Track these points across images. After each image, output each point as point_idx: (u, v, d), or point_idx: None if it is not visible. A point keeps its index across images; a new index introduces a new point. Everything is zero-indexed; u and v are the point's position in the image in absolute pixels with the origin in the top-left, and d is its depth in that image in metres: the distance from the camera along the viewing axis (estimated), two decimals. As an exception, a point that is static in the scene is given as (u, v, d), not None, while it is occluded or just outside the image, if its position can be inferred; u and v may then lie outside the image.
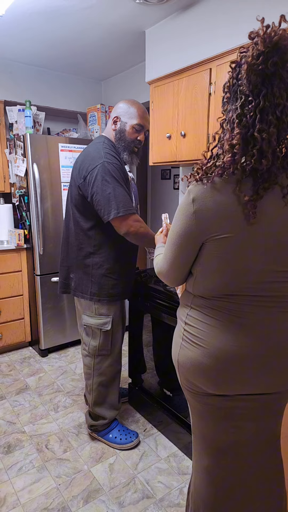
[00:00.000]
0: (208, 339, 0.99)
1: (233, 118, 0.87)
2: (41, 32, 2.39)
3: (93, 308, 1.79)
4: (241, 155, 0.87)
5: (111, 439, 1.92)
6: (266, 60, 0.81)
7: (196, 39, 1.99)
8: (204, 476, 1.13)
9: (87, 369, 1.89)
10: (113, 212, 1.55)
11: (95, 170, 1.59)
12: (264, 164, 0.85)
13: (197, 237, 0.95)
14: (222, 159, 0.89)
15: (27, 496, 1.63)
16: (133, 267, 1.90)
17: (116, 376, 1.91)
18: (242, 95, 0.85)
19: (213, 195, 0.90)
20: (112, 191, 1.56)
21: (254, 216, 0.87)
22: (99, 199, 1.58)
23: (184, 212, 0.95)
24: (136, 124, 1.70)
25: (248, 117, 0.85)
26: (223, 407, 1.04)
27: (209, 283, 0.99)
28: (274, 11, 1.59)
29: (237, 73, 0.88)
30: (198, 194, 0.91)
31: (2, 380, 2.58)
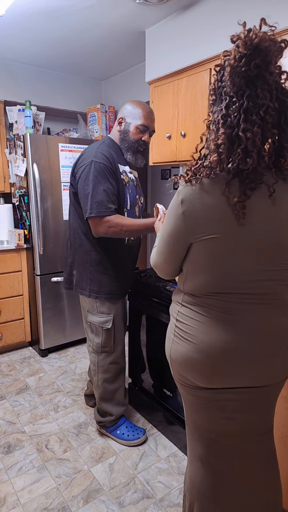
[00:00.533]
0: (197, 334, 1.01)
1: (218, 119, 0.88)
2: (41, 32, 2.39)
3: (95, 306, 1.81)
4: (226, 155, 0.88)
5: (118, 435, 1.94)
6: (249, 62, 0.83)
7: (196, 39, 1.99)
8: (198, 465, 1.15)
9: (92, 366, 1.92)
10: (88, 212, 1.58)
11: (82, 167, 1.63)
12: (249, 163, 0.86)
13: (186, 237, 0.98)
14: (208, 159, 0.91)
15: (27, 496, 1.63)
16: (131, 265, 1.91)
17: (120, 373, 1.93)
18: (226, 97, 0.87)
19: (201, 196, 0.91)
20: (91, 190, 1.58)
21: (243, 216, 0.88)
22: (80, 196, 1.64)
23: (173, 212, 0.98)
24: (140, 124, 1.71)
25: (232, 117, 0.86)
26: (214, 399, 1.07)
27: (198, 281, 1.01)
28: (274, 11, 1.59)
29: (221, 76, 0.90)
30: (187, 196, 0.93)
31: (2, 380, 2.58)
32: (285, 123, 0.89)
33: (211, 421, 1.10)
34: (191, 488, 1.19)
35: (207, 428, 1.11)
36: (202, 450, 1.14)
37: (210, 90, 0.95)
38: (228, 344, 0.98)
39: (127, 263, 1.85)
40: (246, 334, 0.98)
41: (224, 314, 0.99)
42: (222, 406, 1.07)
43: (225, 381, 1.03)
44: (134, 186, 1.82)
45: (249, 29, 0.84)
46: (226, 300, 0.98)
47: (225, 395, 1.05)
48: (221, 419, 1.08)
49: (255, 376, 1.02)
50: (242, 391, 1.05)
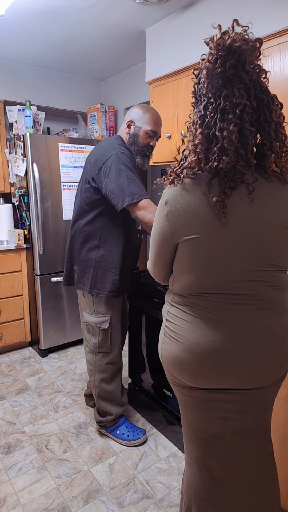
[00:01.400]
0: (184, 334, 1.02)
1: (196, 120, 0.90)
2: (41, 32, 2.39)
3: (92, 306, 1.81)
4: (204, 154, 0.89)
5: (118, 435, 1.94)
6: (224, 63, 0.84)
7: (196, 38, 1.99)
8: (195, 467, 1.15)
9: (89, 366, 1.92)
10: (127, 199, 1.57)
11: (109, 160, 1.63)
12: (225, 161, 0.86)
13: (170, 239, 0.99)
14: (188, 160, 0.92)
15: (27, 496, 1.63)
16: (133, 265, 1.91)
17: (117, 373, 1.93)
18: (204, 98, 0.89)
19: (183, 196, 0.92)
20: (126, 179, 1.58)
21: (224, 215, 0.88)
22: (113, 187, 1.60)
23: (159, 214, 0.99)
24: (150, 130, 1.74)
25: (209, 118, 0.87)
26: (206, 400, 1.06)
27: (184, 281, 1.01)
28: (274, 11, 1.59)
29: (199, 78, 0.92)
30: (170, 197, 0.94)
31: (2, 380, 2.58)
32: (265, 121, 0.89)
33: (205, 423, 1.09)
34: (188, 491, 1.19)
35: (201, 429, 1.11)
36: (197, 453, 1.14)
37: (191, 93, 0.96)
38: (214, 343, 0.98)
39: (131, 262, 1.86)
40: (232, 334, 0.98)
41: (210, 314, 0.99)
42: (214, 407, 1.07)
43: (213, 381, 1.02)
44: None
45: (225, 31, 0.86)
46: (212, 300, 0.98)
47: (216, 395, 1.05)
48: (215, 420, 1.08)
49: (243, 377, 1.01)
50: (234, 393, 1.05)
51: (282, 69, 1.58)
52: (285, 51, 1.57)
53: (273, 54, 1.61)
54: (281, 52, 1.58)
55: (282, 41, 1.57)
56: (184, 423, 1.17)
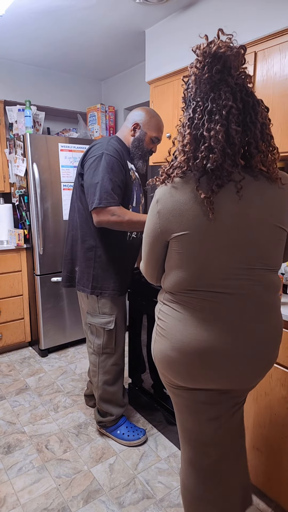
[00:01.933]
0: (173, 331, 1.03)
1: (186, 122, 0.95)
2: (41, 32, 2.39)
3: (96, 307, 1.80)
4: (193, 153, 0.93)
5: (118, 435, 1.93)
6: (210, 68, 0.89)
7: (196, 38, 1.98)
8: (189, 467, 1.18)
9: (92, 367, 1.92)
10: (95, 202, 1.57)
11: (92, 159, 1.63)
12: (212, 158, 0.89)
13: (161, 236, 1.01)
14: (177, 160, 0.96)
15: (27, 496, 1.63)
16: (131, 264, 1.91)
17: (120, 375, 1.93)
18: (193, 102, 0.94)
19: (172, 195, 0.96)
20: (100, 181, 1.57)
21: (212, 212, 0.91)
22: (87, 187, 1.63)
23: (150, 212, 1.03)
24: (155, 136, 1.76)
25: (197, 119, 0.92)
26: (196, 400, 1.08)
27: (173, 278, 1.03)
28: (274, 11, 1.59)
29: (188, 84, 0.97)
30: (161, 195, 0.98)
31: (2, 380, 2.58)
32: (251, 122, 0.93)
33: (196, 424, 1.12)
34: (184, 491, 1.22)
35: (193, 430, 1.14)
36: (191, 453, 1.17)
37: (182, 99, 1.02)
38: (201, 343, 0.99)
39: (129, 261, 1.86)
40: (218, 334, 0.98)
41: (198, 312, 1.00)
42: (204, 408, 1.09)
43: (201, 381, 1.03)
44: (139, 184, 1.83)
45: (211, 40, 0.92)
46: (200, 298, 0.99)
47: (205, 396, 1.07)
48: (205, 421, 1.10)
49: (231, 378, 1.02)
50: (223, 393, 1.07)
51: (282, 69, 1.58)
52: (285, 51, 1.57)
53: (273, 54, 1.61)
54: (281, 52, 1.58)
55: (282, 41, 1.57)
56: (178, 425, 1.20)
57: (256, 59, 1.67)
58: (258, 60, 1.67)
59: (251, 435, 1.52)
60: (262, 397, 1.47)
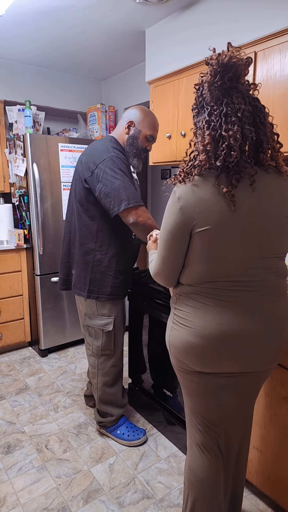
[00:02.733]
0: (193, 319, 1.10)
1: (203, 125, 1.03)
2: (41, 32, 2.39)
3: (95, 309, 1.79)
4: (213, 152, 1.01)
5: (119, 435, 1.93)
6: (223, 76, 0.99)
7: (196, 38, 1.99)
8: (196, 451, 1.25)
9: (91, 369, 1.91)
10: (124, 203, 1.56)
11: (104, 163, 1.61)
12: (233, 156, 0.99)
13: (184, 232, 1.06)
14: (198, 159, 1.03)
15: (27, 496, 1.63)
16: (131, 267, 1.90)
17: (119, 376, 1.93)
18: (208, 107, 1.03)
19: (194, 191, 1.02)
20: (122, 183, 1.58)
21: (234, 204, 1.00)
22: (108, 191, 1.59)
23: (171, 210, 1.07)
24: (149, 134, 1.76)
25: (215, 121, 1.01)
26: (209, 385, 1.15)
27: (195, 271, 1.09)
28: (274, 11, 1.59)
29: (201, 91, 1.07)
30: (182, 192, 1.04)
31: (2, 380, 2.58)
32: (260, 123, 1.04)
33: (206, 408, 1.19)
34: (189, 475, 1.26)
35: (202, 414, 1.20)
36: (199, 437, 1.23)
37: (193, 105, 1.11)
38: (222, 326, 1.06)
39: (129, 264, 1.85)
40: (239, 318, 1.07)
41: (219, 301, 1.07)
42: (216, 392, 1.16)
43: (220, 364, 1.10)
44: (138, 185, 1.83)
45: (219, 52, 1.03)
46: (221, 288, 1.07)
47: (219, 380, 1.14)
48: (216, 405, 1.17)
49: (250, 360, 1.10)
50: (235, 376, 1.14)
51: (282, 69, 1.58)
52: (285, 51, 1.57)
53: (273, 54, 1.61)
54: (281, 52, 1.58)
55: (282, 41, 1.57)
56: (186, 409, 1.26)
57: (256, 59, 1.67)
58: (258, 60, 1.67)
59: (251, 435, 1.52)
60: (262, 397, 1.47)
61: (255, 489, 1.63)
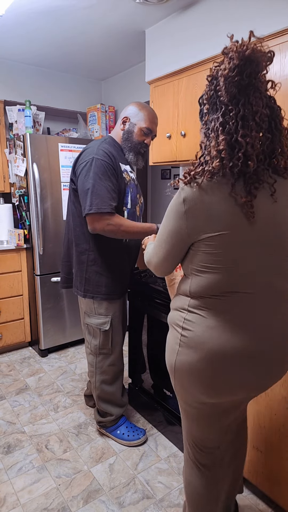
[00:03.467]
0: (203, 340, 0.99)
1: (217, 127, 0.92)
2: (41, 32, 2.39)
3: (93, 308, 1.80)
4: (228, 160, 0.91)
5: (118, 435, 1.93)
6: (241, 72, 0.88)
7: (196, 38, 1.99)
8: (194, 469, 1.21)
9: (90, 367, 1.92)
10: (87, 208, 1.57)
11: (83, 164, 1.62)
12: (251, 166, 0.91)
13: (187, 237, 0.99)
14: (211, 165, 0.93)
15: (27, 496, 1.62)
16: (130, 266, 1.90)
17: (119, 375, 1.93)
18: (222, 105, 0.92)
19: (203, 196, 0.94)
20: (91, 187, 1.56)
21: (253, 215, 0.92)
22: (80, 193, 1.63)
23: (174, 211, 0.99)
24: (145, 127, 1.73)
25: (231, 124, 0.90)
26: (214, 412, 1.09)
27: (205, 280, 1.00)
28: (274, 11, 1.59)
29: (215, 85, 0.94)
30: (188, 195, 0.95)
31: (2, 380, 2.58)
32: (276, 128, 0.95)
33: (207, 432, 1.13)
34: (187, 488, 1.24)
35: (201, 438, 1.15)
36: (197, 456, 1.19)
37: (204, 100, 0.99)
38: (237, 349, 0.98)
39: (126, 264, 1.84)
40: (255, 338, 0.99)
41: (232, 317, 0.98)
42: (221, 417, 1.10)
43: (232, 393, 1.02)
44: (135, 185, 1.82)
45: (237, 40, 0.89)
46: (234, 300, 0.98)
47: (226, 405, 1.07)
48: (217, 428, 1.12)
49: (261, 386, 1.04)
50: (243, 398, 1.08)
51: (282, 69, 1.58)
52: (285, 51, 1.57)
53: (273, 54, 1.61)
54: (281, 52, 1.58)
55: (282, 41, 1.57)
56: (184, 430, 1.20)
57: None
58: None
59: (251, 435, 1.52)
60: (262, 397, 1.47)
61: (255, 489, 1.63)
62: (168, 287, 1.53)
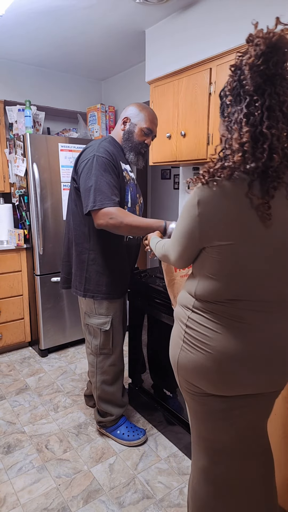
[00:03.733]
0: (211, 343, 0.99)
1: (240, 118, 0.86)
2: (41, 32, 2.39)
3: (93, 308, 1.79)
4: (251, 153, 0.85)
5: (118, 435, 1.93)
6: (267, 60, 0.82)
7: (196, 38, 1.99)
8: (202, 476, 1.15)
9: (90, 367, 1.92)
10: (90, 205, 1.56)
11: (85, 162, 1.63)
12: (276, 159, 0.85)
13: (199, 241, 0.97)
14: (231, 159, 0.87)
15: (27, 496, 1.62)
16: (130, 266, 1.90)
17: (119, 375, 1.93)
18: (246, 96, 0.85)
19: (220, 199, 0.89)
20: (94, 184, 1.57)
21: (269, 217, 0.87)
22: (82, 191, 1.62)
23: (188, 213, 0.96)
24: (145, 127, 1.74)
25: (256, 115, 0.84)
26: (221, 408, 1.06)
27: (211, 287, 0.98)
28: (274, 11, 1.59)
29: (239, 75, 0.87)
30: (204, 198, 0.90)
31: (2, 380, 2.58)
32: None
33: (215, 431, 1.10)
34: (194, 497, 1.19)
35: (210, 438, 1.11)
36: (205, 462, 1.14)
37: (226, 92, 0.92)
38: (242, 352, 0.97)
39: (126, 263, 1.84)
40: (260, 341, 0.98)
41: (236, 323, 0.97)
42: (228, 414, 1.07)
43: (236, 389, 1.02)
44: (134, 185, 1.82)
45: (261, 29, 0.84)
46: (240, 308, 0.97)
47: (233, 402, 1.05)
48: (226, 426, 1.08)
49: (265, 383, 1.02)
50: (250, 397, 1.05)
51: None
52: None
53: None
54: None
55: (282, 41, 1.57)
56: (193, 432, 1.17)
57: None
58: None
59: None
60: (262, 397, 1.47)
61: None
62: (168, 287, 1.53)
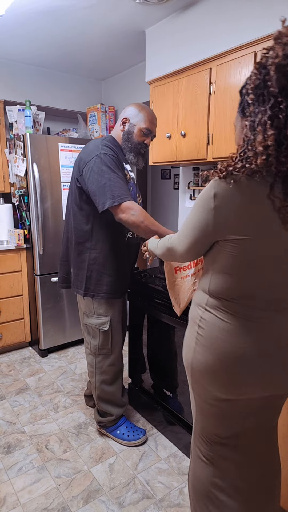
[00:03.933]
0: (217, 342, 0.99)
1: (264, 120, 0.84)
2: (41, 32, 2.39)
3: (92, 308, 1.80)
4: (274, 157, 0.84)
5: (118, 435, 1.93)
6: None
7: (196, 38, 1.99)
8: (203, 463, 1.16)
9: (90, 367, 1.92)
10: (108, 202, 1.56)
11: (91, 161, 1.62)
12: None
13: (213, 234, 0.96)
14: (254, 161, 0.86)
15: (27, 496, 1.62)
16: (130, 265, 1.90)
17: (118, 375, 1.93)
18: (270, 97, 0.83)
19: (238, 195, 0.88)
20: (107, 181, 1.57)
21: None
22: (94, 189, 1.60)
23: (203, 205, 0.94)
24: (145, 128, 1.74)
25: (281, 118, 0.82)
26: (229, 408, 1.06)
27: (225, 283, 0.98)
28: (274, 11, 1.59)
29: (264, 75, 0.84)
30: (221, 191, 0.89)
31: (2, 380, 2.58)
32: None
33: (221, 427, 1.10)
34: (195, 483, 1.19)
35: (215, 432, 1.12)
36: (207, 450, 1.15)
37: (248, 90, 0.89)
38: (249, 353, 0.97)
39: (126, 263, 1.84)
40: (273, 343, 0.97)
41: (249, 322, 0.97)
42: (236, 413, 1.07)
43: (248, 392, 1.02)
44: (134, 184, 1.82)
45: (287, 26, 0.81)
46: (253, 306, 0.97)
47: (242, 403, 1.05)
48: (232, 424, 1.09)
49: (277, 385, 1.02)
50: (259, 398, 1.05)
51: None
52: (285, 51, 1.57)
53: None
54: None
55: (282, 41, 1.57)
56: (196, 424, 1.17)
57: (256, 59, 1.67)
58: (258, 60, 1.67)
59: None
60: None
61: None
62: (169, 289, 1.53)
